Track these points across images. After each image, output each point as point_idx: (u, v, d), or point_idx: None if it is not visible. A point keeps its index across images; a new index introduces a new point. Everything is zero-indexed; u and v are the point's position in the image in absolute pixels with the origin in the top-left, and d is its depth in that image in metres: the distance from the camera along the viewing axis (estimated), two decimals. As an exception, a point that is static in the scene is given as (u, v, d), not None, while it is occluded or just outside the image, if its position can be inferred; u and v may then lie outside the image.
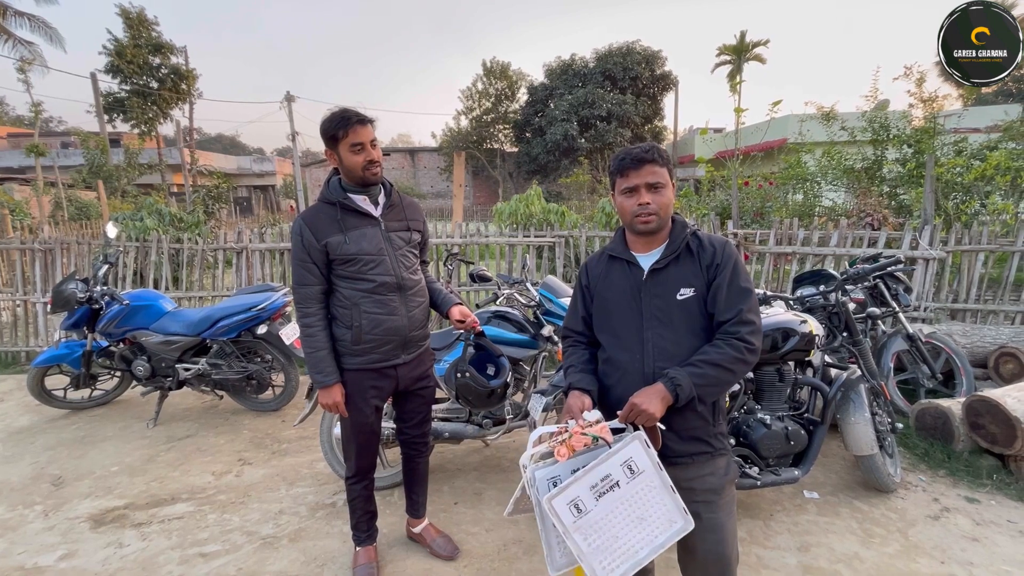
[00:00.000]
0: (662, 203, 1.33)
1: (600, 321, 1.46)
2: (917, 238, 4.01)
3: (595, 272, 1.49)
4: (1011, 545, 2.24)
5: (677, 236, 1.39)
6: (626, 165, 1.34)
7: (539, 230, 4.89)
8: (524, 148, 25.06)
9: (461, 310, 2.10)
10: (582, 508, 1.15)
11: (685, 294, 1.34)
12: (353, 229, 1.81)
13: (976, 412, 2.73)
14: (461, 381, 2.35)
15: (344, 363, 1.88)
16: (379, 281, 1.84)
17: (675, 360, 1.32)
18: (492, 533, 2.38)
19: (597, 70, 22.96)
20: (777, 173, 8.10)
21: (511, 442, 3.24)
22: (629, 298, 1.38)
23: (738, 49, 22.56)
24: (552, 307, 2.92)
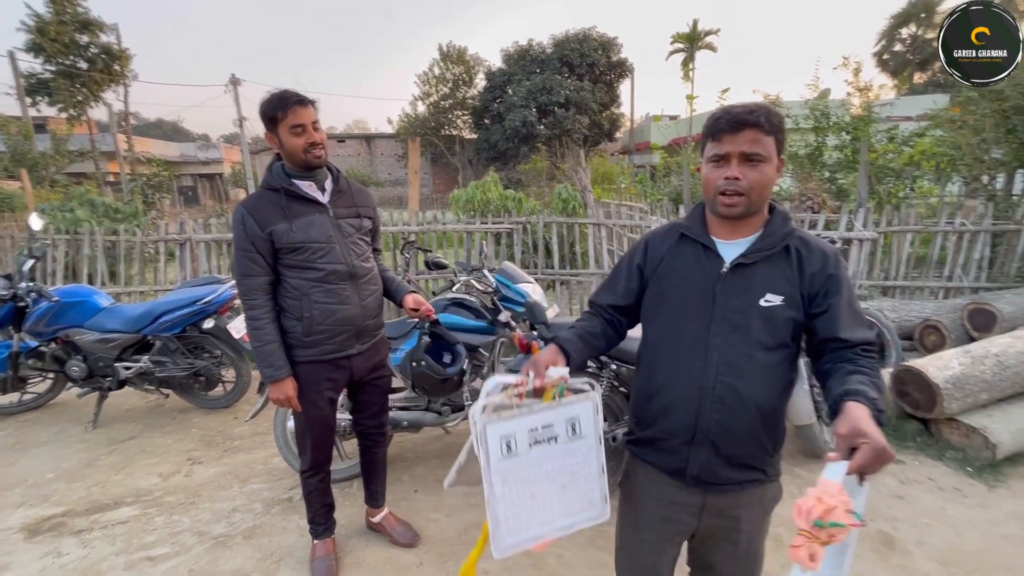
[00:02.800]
0: (757, 181, 1.04)
1: (652, 311, 1.20)
2: (852, 220, 4.25)
3: (658, 251, 1.21)
4: (931, 500, 2.44)
5: (777, 229, 1.12)
6: (721, 127, 1.06)
7: (497, 217, 4.88)
8: (483, 135, 24.85)
9: (415, 298, 2.07)
10: (512, 448, 1.02)
11: (772, 301, 1.08)
12: (299, 216, 1.74)
13: (902, 381, 2.94)
14: (417, 370, 2.34)
15: (295, 355, 1.83)
16: (329, 270, 1.78)
17: (743, 377, 1.08)
18: (453, 518, 2.40)
19: (555, 56, 22.94)
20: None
21: (471, 428, 3.26)
22: (699, 292, 1.12)
23: (691, 37, 23.05)
24: (509, 293, 2.94)
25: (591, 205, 4.94)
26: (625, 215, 5.26)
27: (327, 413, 1.93)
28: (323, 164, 1.78)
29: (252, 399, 3.68)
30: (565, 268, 4.77)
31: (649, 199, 6.46)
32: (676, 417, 1.13)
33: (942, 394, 2.71)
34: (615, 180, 10.02)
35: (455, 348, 2.46)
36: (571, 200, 5.12)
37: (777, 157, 1.07)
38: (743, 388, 1.08)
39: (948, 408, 2.72)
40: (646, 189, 7.37)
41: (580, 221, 4.70)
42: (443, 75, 26.72)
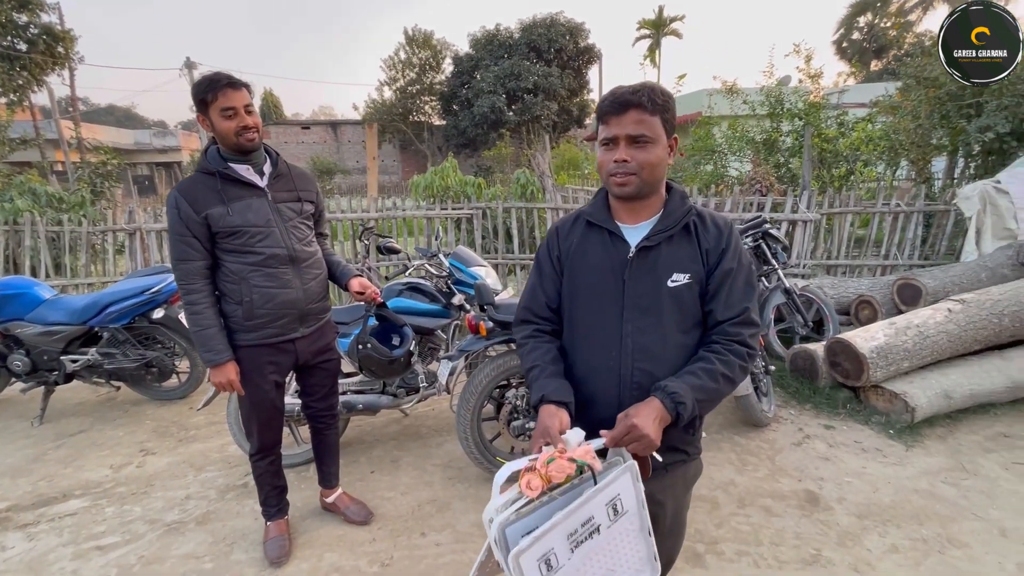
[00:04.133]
0: (646, 161, 1.04)
1: (568, 302, 1.18)
2: (797, 203, 4.44)
3: (567, 241, 1.19)
4: (855, 461, 2.63)
5: (675, 209, 1.13)
6: (606, 109, 1.06)
7: (456, 203, 4.90)
8: (452, 121, 24.55)
9: (360, 282, 2.09)
10: (553, 564, 0.86)
11: (678, 281, 1.09)
12: (236, 200, 1.75)
13: (834, 352, 3.13)
14: (363, 352, 2.37)
15: (237, 339, 1.84)
16: (268, 253, 1.79)
17: (658, 361, 1.09)
18: (407, 496, 2.47)
19: (522, 41, 22.76)
20: (689, 145, 8.56)
21: (430, 410, 3.32)
22: (609, 279, 1.11)
23: (656, 24, 23.22)
24: (462, 276, 2.99)
25: (549, 190, 5.02)
26: (583, 199, 5.35)
27: (272, 396, 1.95)
28: (256, 148, 1.78)
29: (208, 389, 3.65)
30: (525, 252, 4.84)
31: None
32: (598, 408, 1.12)
33: (868, 363, 2.91)
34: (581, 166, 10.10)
35: (402, 330, 2.50)
36: (529, 185, 5.18)
37: (667, 137, 1.07)
38: (659, 373, 1.08)
39: (874, 376, 2.92)
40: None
41: (538, 206, 4.77)
42: (409, 60, 26.20)
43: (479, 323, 2.43)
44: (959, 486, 2.40)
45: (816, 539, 2.09)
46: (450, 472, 2.65)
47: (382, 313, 2.40)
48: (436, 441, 2.97)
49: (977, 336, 3.07)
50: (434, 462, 2.75)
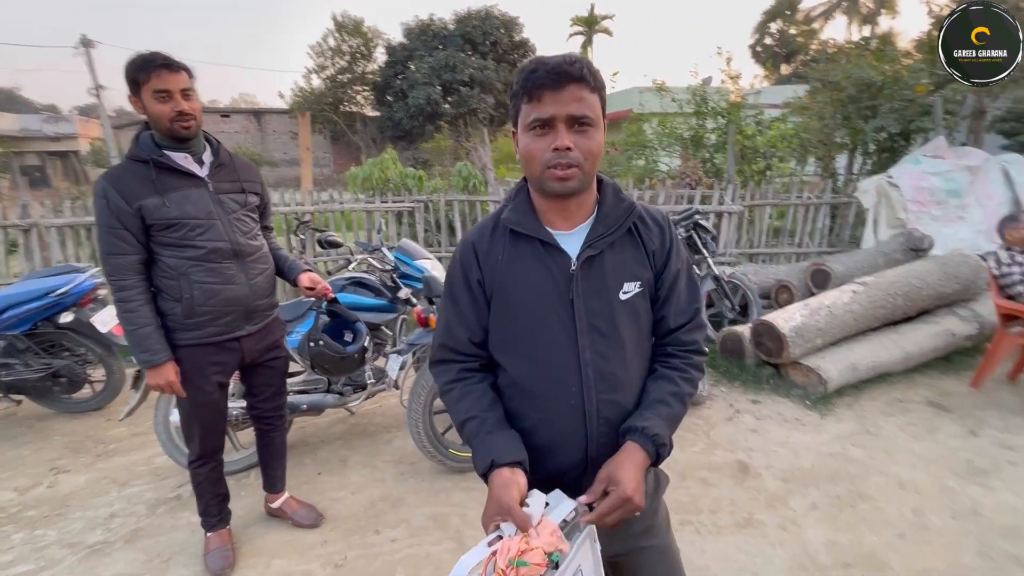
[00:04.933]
0: (590, 150, 0.86)
1: (505, 336, 0.96)
2: (723, 196, 4.75)
3: (490, 258, 0.95)
4: (779, 431, 2.89)
5: (613, 208, 0.95)
6: (540, 80, 0.83)
7: (397, 195, 4.80)
8: (386, 112, 23.85)
9: (310, 277, 2.03)
10: None
11: (629, 291, 0.94)
12: (173, 190, 1.63)
13: (759, 333, 3.41)
14: (315, 350, 2.29)
15: (176, 339, 1.72)
16: (210, 247, 1.69)
17: (624, 388, 0.94)
18: (358, 495, 2.42)
19: (457, 33, 22.48)
20: (622, 141, 8.88)
21: (377, 407, 3.26)
22: (554, 301, 0.92)
23: (588, 21, 23.77)
24: (408, 270, 2.94)
25: (492, 183, 5.03)
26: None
27: (215, 398, 1.85)
28: (192, 135, 1.67)
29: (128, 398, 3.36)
30: (469, 246, 4.85)
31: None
32: (561, 457, 0.95)
33: (788, 341, 3.18)
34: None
35: (355, 326, 2.44)
36: (471, 178, 5.16)
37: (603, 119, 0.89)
38: (625, 401, 0.94)
39: (792, 353, 3.20)
40: (547, 168, 7.63)
41: (481, 199, 4.78)
42: (339, 47, 25.13)
43: (429, 316, 2.41)
44: (865, 447, 2.70)
45: (748, 504, 2.27)
46: (402, 468, 2.62)
47: (334, 309, 2.33)
48: (385, 438, 2.92)
49: (876, 314, 3.45)
50: (384, 459, 2.71)
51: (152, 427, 2.51)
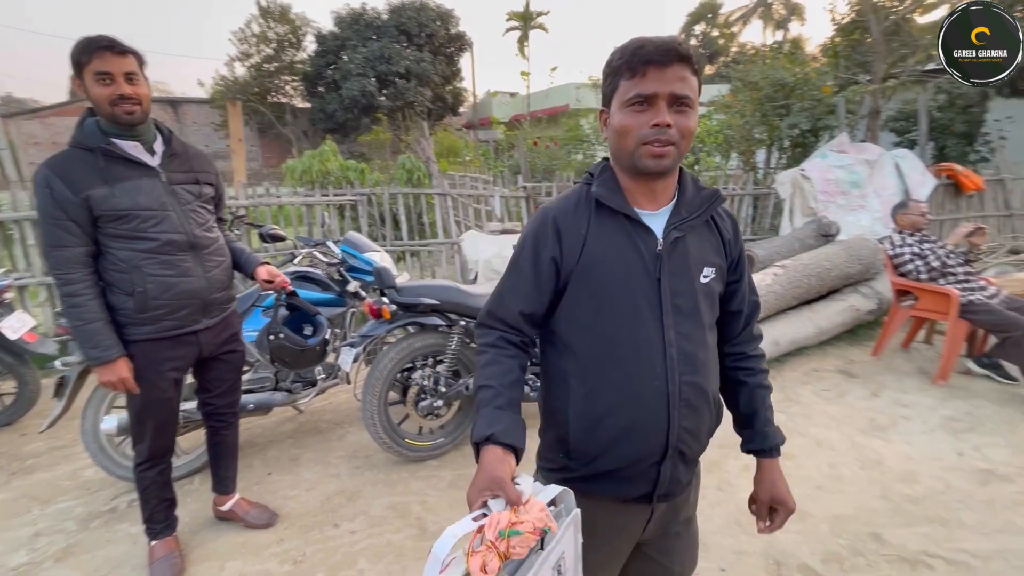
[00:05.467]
0: (688, 130, 0.86)
1: (587, 312, 0.93)
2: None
3: (574, 233, 0.92)
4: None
5: (694, 192, 0.96)
6: (647, 56, 0.83)
7: (338, 189, 4.67)
8: (318, 104, 22.85)
9: (268, 269, 1.99)
10: None
11: (708, 276, 0.95)
12: (123, 180, 1.57)
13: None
14: (276, 343, 2.25)
15: (128, 334, 1.65)
16: (164, 239, 1.63)
17: (703, 370, 0.94)
18: (313, 491, 2.38)
19: (391, 23, 21.91)
20: (561, 135, 9.09)
21: (327, 404, 3.20)
22: (641, 278, 0.91)
23: (524, 16, 23.93)
24: (356, 263, 2.91)
25: (436, 176, 5.02)
26: (469, 185, 5.45)
27: (170, 395, 1.78)
28: (139, 122, 1.60)
29: (44, 411, 3.08)
30: (414, 239, 4.80)
31: (492, 171, 6.75)
32: (641, 439, 0.92)
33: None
34: (460, 154, 10.17)
35: (315, 319, 2.42)
36: (415, 171, 5.11)
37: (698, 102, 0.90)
38: (705, 383, 0.94)
39: (724, 332, 3.47)
40: (489, 162, 7.67)
41: (426, 192, 4.75)
42: (264, 34, 23.75)
43: (381, 308, 2.41)
44: (787, 412, 2.99)
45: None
46: (357, 461, 2.60)
47: (293, 302, 2.28)
48: (338, 433, 2.88)
49: (795, 293, 3.80)
50: (338, 454, 2.67)
51: (77, 439, 2.34)
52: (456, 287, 2.54)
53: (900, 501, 2.22)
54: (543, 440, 1.04)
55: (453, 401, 2.59)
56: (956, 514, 2.12)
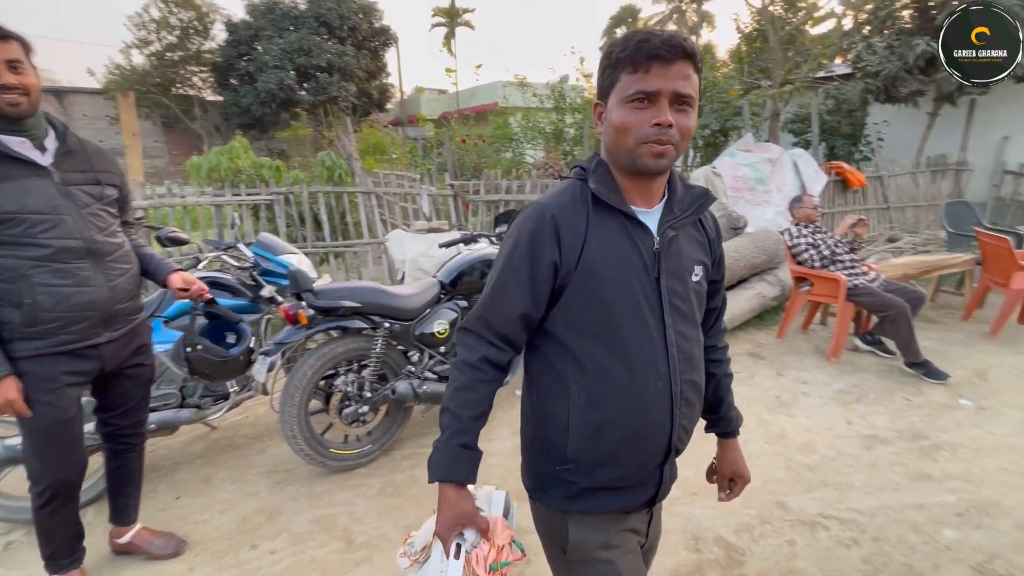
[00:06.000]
0: (688, 130, 0.84)
1: (590, 315, 0.89)
2: (582, 184, 5.17)
3: (574, 232, 0.88)
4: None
5: (684, 191, 0.95)
6: (651, 52, 0.80)
7: (252, 187, 4.38)
8: (232, 97, 21.32)
9: (183, 276, 1.84)
10: None
11: (697, 275, 0.95)
12: (6, 180, 1.41)
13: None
14: (194, 355, 2.08)
15: (15, 350, 1.47)
16: (58, 246, 1.46)
17: (698, 368, 0.95)
18: (228, 513, 2.22)
19: (310, 14, 20.86)
20: (489, 133, 9.11)
21: (244, 418, 3.00)
22: (642, 277, 0.89)
23: (450, 12, 23.73)
24: (270, 266, 2.74)
25: (359, 173, 4.84)
26: (395, 184, 5.32)
27: (72, 415, 1.59)
28: (25, 115, 1.44)
29: None
30: (337, 240, 4.61)
31: (419, 169, 6.63)
32: (647, 442, 0.91)
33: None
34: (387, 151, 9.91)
35: (238, 327, 2.28)
36: (336, 168, 4.90)
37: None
38: (700, 380, 0.96)
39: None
40: (417, 160, 7.53)
41: (348, 190, 4.57)
42: (166, 20, 21.80)
43: (298, 312, 2.28)
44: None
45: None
46: (277, 476, 2.46)
47: (212, 310, 2.12)
48: (256, 448, 2.70)
49: (708, 284, 4.05)
50: (256, 471, 2.51)
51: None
52: (379, 288, 2.47)
53: (800, 470, 2.43)
54: (531, 455, 1.00)
55: (380, 406, 2.52)
56: (847, 477, 2.36)
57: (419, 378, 2.55)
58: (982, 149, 7.47)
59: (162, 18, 22.05)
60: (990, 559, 1.88)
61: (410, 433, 2.78)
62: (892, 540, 1.98)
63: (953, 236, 5.38)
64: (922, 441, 2.65)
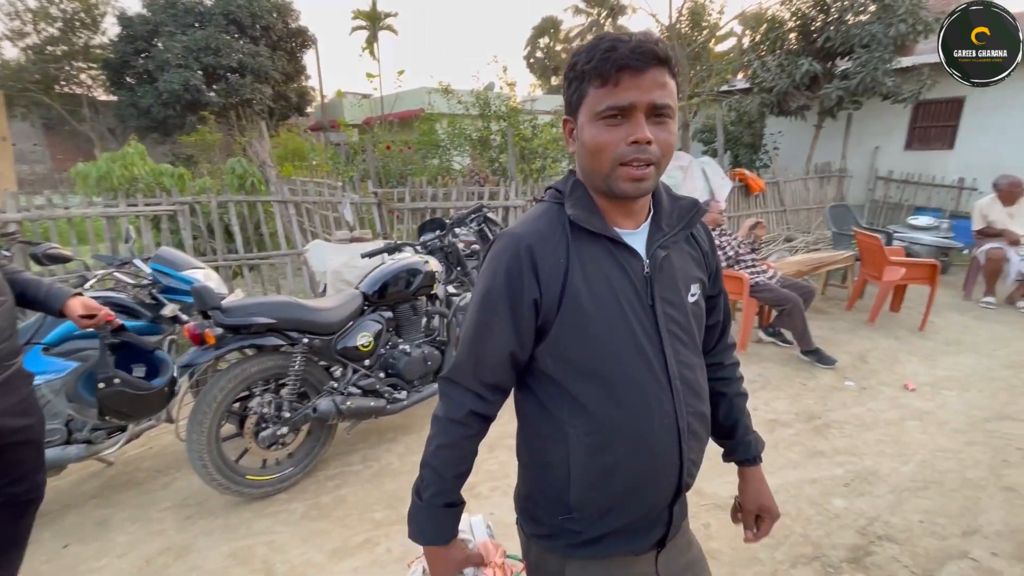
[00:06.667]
0: (668, 145, 0.76)
1: (583, 353, 0.80)
2: (507, 191, 5.24)
3: (554, 264, 0.79)
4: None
5: (671, 204, 0.87)
6: (619, 62, 0.71)
7: (151, 197, 4.02)
8: (128, 98, 19.50)
9: (84, 303, 1.60)
10: None
11: (695, 294, 0.87)
12: None
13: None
14: (108, 392, 1.83)
15: None
16: None
17: (702, 397, 0.88)
18: (128, 556, 2.02)
19: (217, 11, 19.56)
20: (415, 139, 9.00)
21: (146, 449, 2.74)
22: (635, 306, 0.81)
23: (371, 16, 23.20)
24: (172, 282, 2.54)
25: (274, 181, 4.59)
26: (314, 191, 5.11)
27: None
28: None
29: None
30: (252, 251, 4.34)
31: (341, 176, 6.42)
32: (656, 484, 0.84)
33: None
34: (307, 157, 9.50)
35: (155, 355, 2.05)
36: (248, 176, 4.62)
37: None
38: (706, 410, 0.89)
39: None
40: (338, 167, 7.28)
41: (262, 199, 4.32)
42: (45, 10, 19.54)
43: (204, 332, 2.13)
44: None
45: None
46: (187, 511, 2.27)
47: (124, 339, 1.89)
48: (161, 482, 2.48)
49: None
50: (162, 507, 2.30)
51: None
52: (295, 302, 2.36)
53: (715, 457, 2.60)
54: (531, 504, 0.92)
55: (301, 426, 2.40)
56: (753, 460, 2.56)
57: (343, 394, 2.46)
58: (859, 157, 8.46)
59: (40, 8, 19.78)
60: (871, 522, 2.12)
61: (335, 452, 2.67)
62: (792, 514, 2.18)
63: (837, 235, 6.04)
64: (816, 421, 2.94)
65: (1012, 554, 1.94)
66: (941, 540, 2.02)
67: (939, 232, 5.74)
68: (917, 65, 7.36)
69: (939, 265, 4.39)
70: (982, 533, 2.05)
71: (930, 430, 2.83)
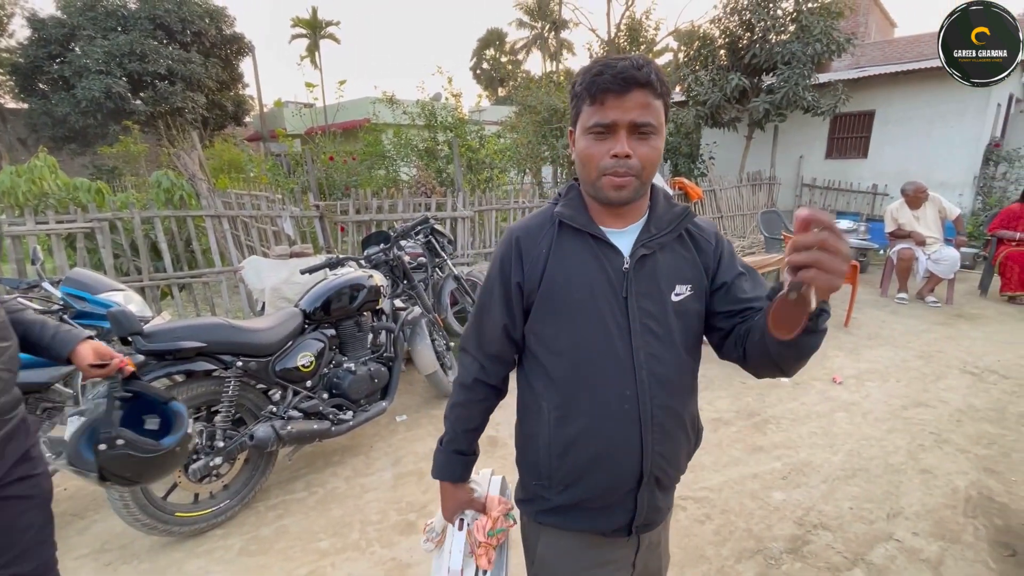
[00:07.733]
0: (649, 159, 0.85)
1: (554, 334, 0.92)
2: (455, 202, 5.21)
3: (536, 253, 0.93)
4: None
5: (665, 210, 0.95)
6: (604, 85, 0.82)
7: (64, 213, 3.69)
8: (41, 105, 18.04)
9: (96, 348, 1.37)
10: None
11: (681, 293, 0.93)
12: None
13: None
14: (110, 454, 1.51)
15: None
16: None
17: (676, 392, 0.93)
18: None
19: (143, 15, 18.49)
20: (360, 150, 8.81)
21: (59, 492, 2.48)
22: (608, 297, 0.89)
23: (311, 24, 22.64)
24: (87, 307, 2.34)
25: (205, 195, 4.34)
26: (252, 205, 4.87)
27: None
28: None
29: None
30: (183, 269, 4.08)
31: (281, 188, 6.17)
32: (614, 465, 0.91)
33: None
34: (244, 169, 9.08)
35: (168, 407, 1.70)
36: (177, 189, 4.34)
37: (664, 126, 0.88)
38: (678, 405, 0.94)
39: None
40: (278, 178, 7.00)
41: (194, 214, 4.07)
42: (-62, 9, 17.77)
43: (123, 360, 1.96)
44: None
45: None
46: (107, 557, 2.07)
47: (133, 389, 1.58)
48: (77, 526, 2.26)
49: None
50: (78, 554, 2.09)
51: None
52: (227, 323, 2.22)
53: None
54: (519, 468, 1.06)
55: (236, 455, 2.25)
56: (699, 459, 2.64)
57: (282, 418, 2.34)
58: (786, 166, 9.05)
59: (-68, 6, 18.03)
60: (807, 512, 2.23)
61: (276, 479, 2.54)
62: (736, 510, 2.26)
63: (768, 239, 6.41)
64: (755, 417, 3.08)
65: (930, 532, 2.10)
66: (869, 524, 2.16)
67: (857, 234, 6.21)
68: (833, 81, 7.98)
69: (859, 265, 4.74)
70: (904, 515, 2.21)
71: (856, 420, 3.02)
